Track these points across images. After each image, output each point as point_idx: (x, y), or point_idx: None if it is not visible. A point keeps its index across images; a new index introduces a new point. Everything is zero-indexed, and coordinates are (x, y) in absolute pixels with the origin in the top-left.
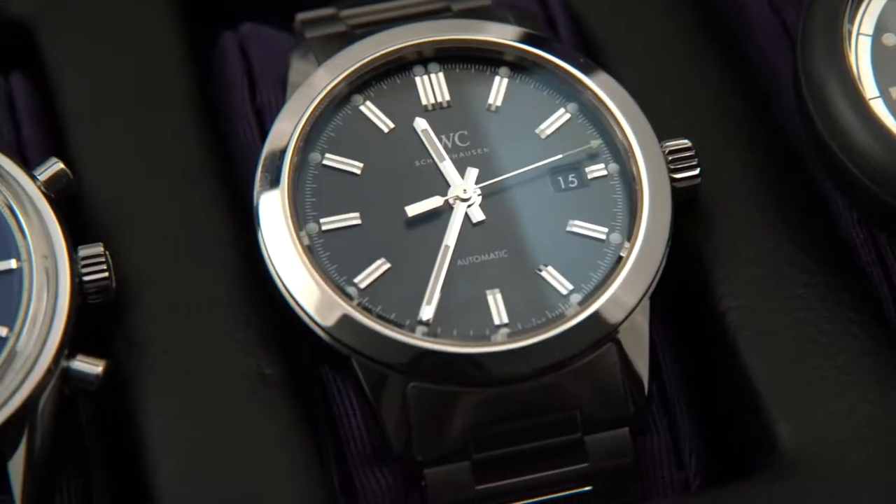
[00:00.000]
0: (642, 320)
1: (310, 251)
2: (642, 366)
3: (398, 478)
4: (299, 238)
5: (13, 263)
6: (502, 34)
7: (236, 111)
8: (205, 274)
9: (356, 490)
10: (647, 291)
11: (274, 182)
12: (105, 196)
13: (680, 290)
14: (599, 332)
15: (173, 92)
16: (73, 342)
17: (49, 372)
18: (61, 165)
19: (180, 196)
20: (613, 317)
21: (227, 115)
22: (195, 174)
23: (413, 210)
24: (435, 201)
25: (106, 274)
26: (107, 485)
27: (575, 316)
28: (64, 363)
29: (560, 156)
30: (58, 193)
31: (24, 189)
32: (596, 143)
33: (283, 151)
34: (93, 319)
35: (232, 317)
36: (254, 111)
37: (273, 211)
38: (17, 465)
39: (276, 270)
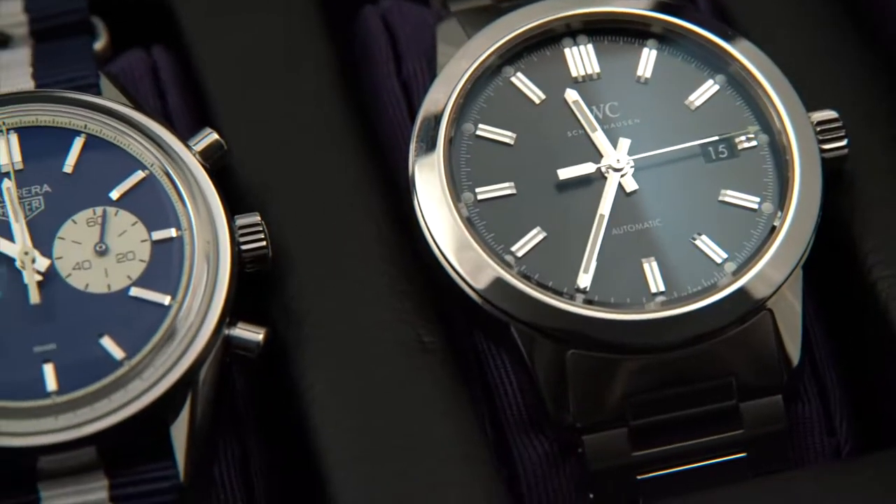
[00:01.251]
0: (795, 289)
1: (467, 220)
2: (795, 334)
3: (554, 445)
4: (457, 206)
5: (173, 232)
6: (650, 6)
7: (381, 84)
8: (358, 244)
9: (513, 457)
10: (799, 261)
11: (429, 151)
12: (253, 167)
13: (829, 261)
14: (753, 300)
15: (315, 64)
16: (233, 311)
17: (212, 339)
18: (216, 136)
19: (328, 167)
20: (767, 286)
21: (371, 88)
22: (342, 145)
23: (565, 173)
24: (588, 167)
25: (264, 243)
26: (262, 453)
27: (729, 285)
28: (226, 331)
29: (715, 137)
30: (212, 164)
31: (182, 159)
32: (753, 128)
33: (438, 122)
34: (246, 289)
35: (388, 286)
36: (400, 84)
37: (430, 179)
38: (180, 431)
39: (433, 238)
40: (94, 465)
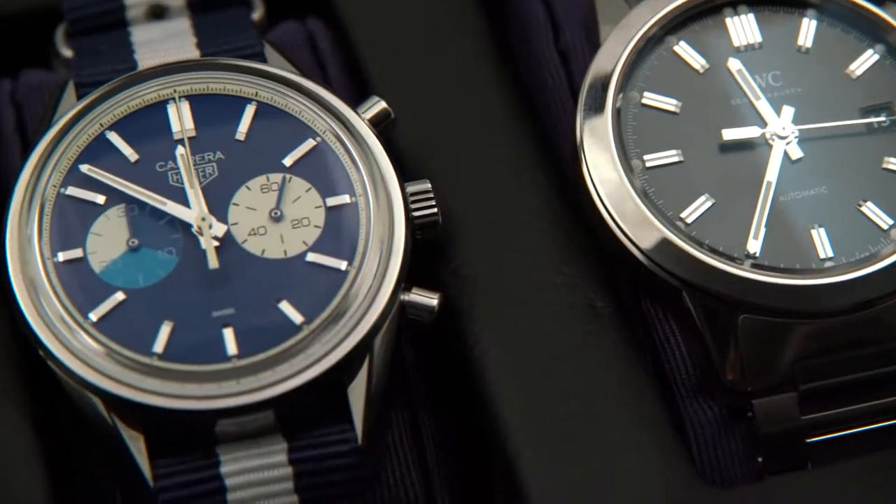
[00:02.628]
0: None
1: (638, 185)
2: None
3: (723, 409)
4: (627, 172)
5: (347, 199)
6: None
7: (540, 54)
8: (523, 209)
9: (682, 421)
10: None
11: (598, 118)
12: (414, 135)
13: None
14: None
15: (469, 33)
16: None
17: (388, 305)
18: (384, 104)
19: (490, 134)
20: None
21: (527, 57)
22: (501, 112)
23: (730, 134)
24: (753, 131)
25: (434, 210)
26: (432, 419)
27: None
28: (402, 296)
29: (877, 106)
30: (379, 132)
31: (354, 126)
32: None
33: (605, 89)
34: (414, 256)
35: (556, 251)
36: (558, 53)
37: (599, 145)
38: (357, 395)
39: (603, 203)
40: (271, 428)
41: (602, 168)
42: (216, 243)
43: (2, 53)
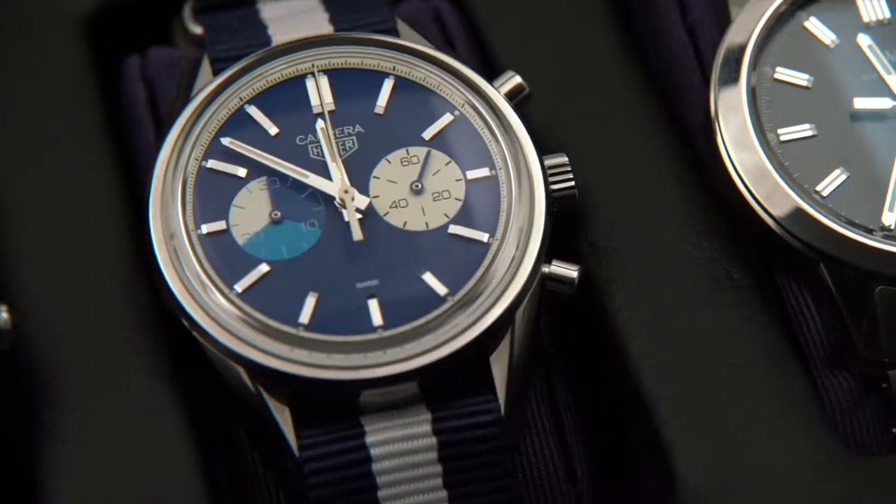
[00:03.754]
0: None
1: (774, 158)
2: None
3: (858, 380)
4: (763, 145)
5: (487, 171)
6: None
7: (668, 31)
8: (657, 182)
9: (818, 391)
10: None
11: (732, 92)
12: (544, 110)
13: None
14: None
15: (593, 11)
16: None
17: (531, 276)
18: (519, 79)
19: (619, 109)
20: None
21: (655, 34)
22: (629, 87)
23: (861, 103)
24: (884, 102)
25: (572, 183)
26: (569, 391)
27: None
28: (543, 268)
29: None
30: (514, 106)
31: (492, 99)
32: None
33: (738, 64)
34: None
35: (692, 224)
36: (686, 31)
37: (733, 118)
38: (500, 366)
39: (739, 175)
40: (415, 399)
41: (737, 141)
42: (359, 216)
43: (126, 31)
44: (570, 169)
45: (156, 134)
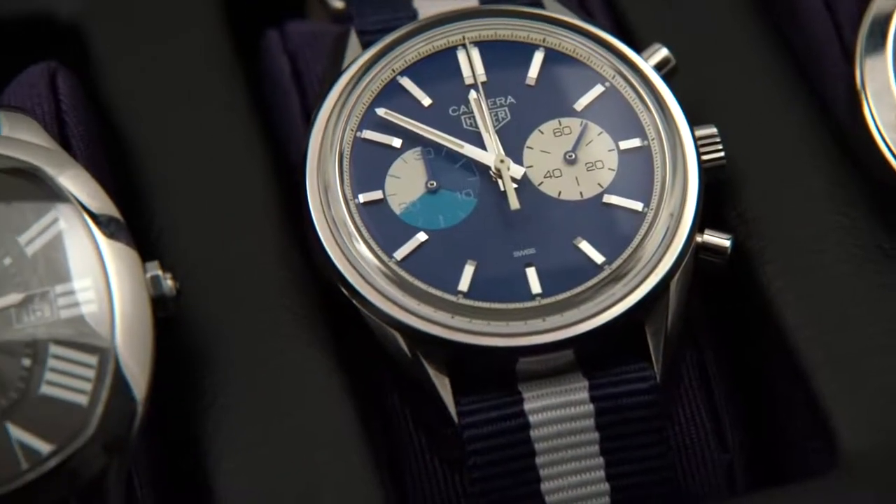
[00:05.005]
0: None
1: None
2: None
3: None
4: None
5: (639, 142)
6: None
7: (804, 4)
8: (802, 153)
9: None
10: None
11: (878, 62)
12: (685, 81)
13: None
14: None
15: None
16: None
17: (686, 245)
18: (667, 51)
19: (757, 80)
20: None
21: (791, 7)
22: (769, 59)
23: None
24: None
25: (722, 154)
26: (718, 359)
27: None
28: (696, 238)
29: None
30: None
31: (643, 71)
32: None
33: (884, 35)
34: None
35: (840, 193)
36: (824, 4)
37: (881, 87)
38: (656, 334)
39: (887, 143)
40: (571, 366)
41: (885, 110)
42: (514, 185)
43: (261, 5)
44: (719, 140)
45: (301, 105)
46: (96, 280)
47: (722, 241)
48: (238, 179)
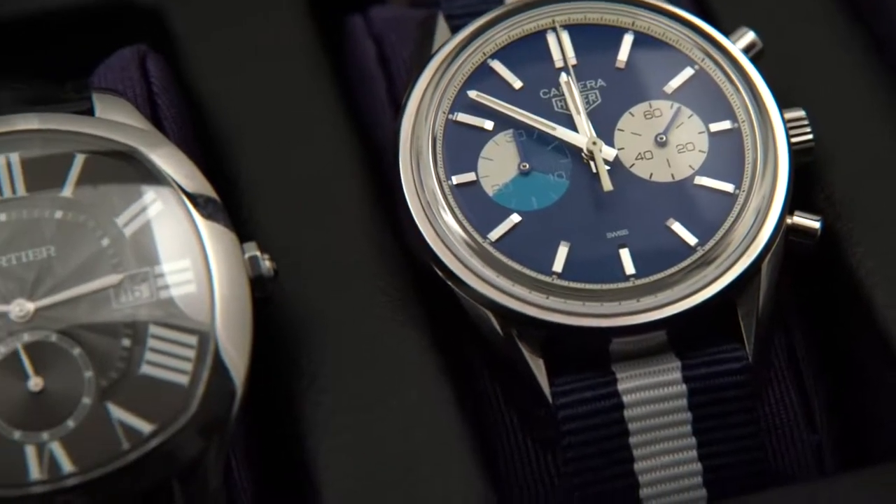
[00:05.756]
0: None
1: None
2: None
3: None
4: None
5: (729, 124)
6: None
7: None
8: (884, 136)
9: None
10: None
11: None
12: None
13: None
14: None
15: None
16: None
17: (777, 227)
18: (754, 34)
19: (840, 63)
20: None
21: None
22: (849, 42)
23: None
24: None
25: (811, 136)
26: (807, 340)
27: None
28: (787, 220)
29: None
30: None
31: (732, 54)
32: None
33: None
34: None
35: None
36: None
37: None
38: (748, 315)
39: None
40: (664, 346)
41: None
42: (607, 167)
43: None
44: (808, 122)
45: (387, 89)
46: (195, 261)
47: (812, 223)
48: (327, 162)
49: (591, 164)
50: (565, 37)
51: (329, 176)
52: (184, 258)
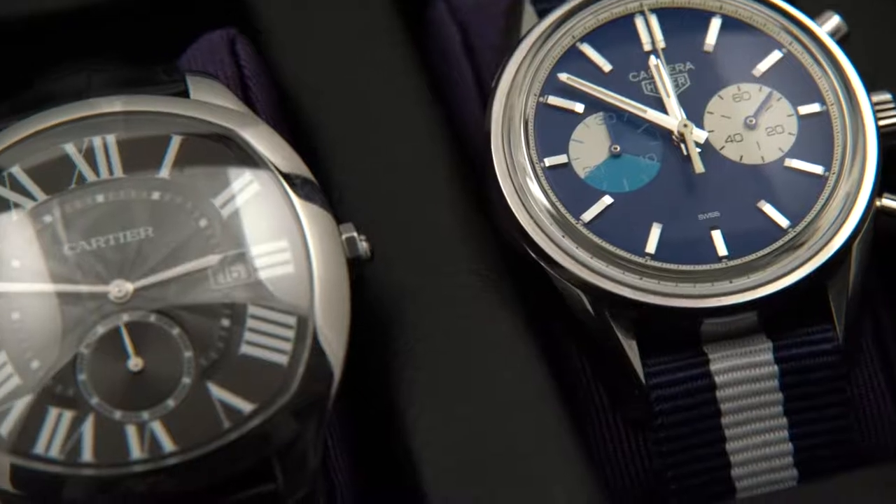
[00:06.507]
0: None
1: None
2: None
3: None
4: None
5: (818, 107)
6: None
7: None
8: None
9: None
10: None
11: None
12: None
13: None
14: None
15: None
16: None
17: (867, 209)
18: (839, 18)
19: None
20: None
21: None
22: None
23: None
24: None
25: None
26: (894, 322)
27: None
28: (876, 202)
29: None
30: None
31: (819, 37)
32: None
33: None
34: None
35: None
36: None
37: None
38: (838, 296)
39: None
40: (754, 328)
41: None
42: (698, 149)
43: None
44: (894, 105)
45: (473, 74)
46: (293, 241)
47: None
48: (415, 146)
49: (682, 146)
50: (654, 20)
51: (418, 159)
52: (281, 239)
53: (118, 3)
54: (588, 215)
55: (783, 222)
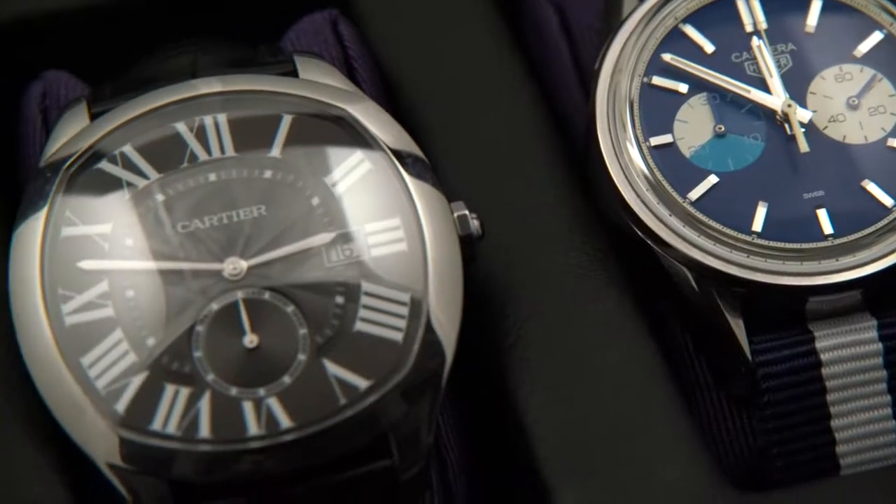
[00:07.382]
0: None
1: None
2: None
3: None
4: None
5: None
6: None
7: None
8: None
9: None
10: None
11: None
12: None
13: None
14: None
15: None
16: None
17: None
18: None
19: None
20: None
21: None
22: None
23: None
24: None
25: None
26: None
27: None
28: None
29: None
30: None
31: None
32: None
33: None
34: None
35: None
36: None
37: None
38: None
39: None
40: (858, 306)
41: None
42: (802, 129)
43: None
44: None
45: (571, 55)
46: (406, 219)
47: None
48: (516, 127)
49: (786, 126)
50: (755, 1)
51: (519, 140)
52: (394, 217)
53: None
54: (694, 194)
55: (888, 201)
